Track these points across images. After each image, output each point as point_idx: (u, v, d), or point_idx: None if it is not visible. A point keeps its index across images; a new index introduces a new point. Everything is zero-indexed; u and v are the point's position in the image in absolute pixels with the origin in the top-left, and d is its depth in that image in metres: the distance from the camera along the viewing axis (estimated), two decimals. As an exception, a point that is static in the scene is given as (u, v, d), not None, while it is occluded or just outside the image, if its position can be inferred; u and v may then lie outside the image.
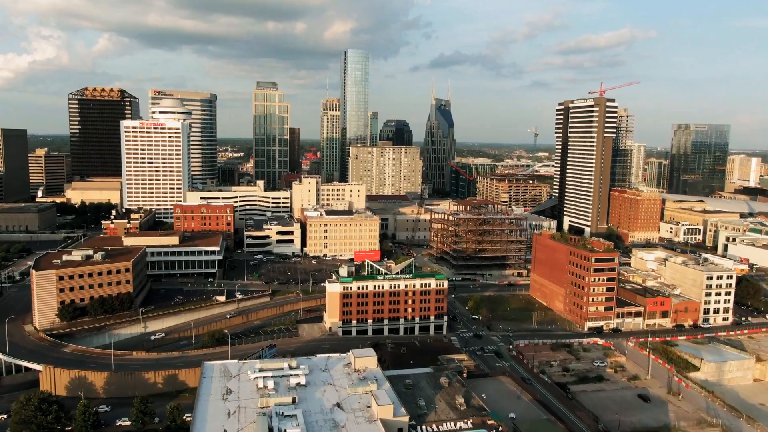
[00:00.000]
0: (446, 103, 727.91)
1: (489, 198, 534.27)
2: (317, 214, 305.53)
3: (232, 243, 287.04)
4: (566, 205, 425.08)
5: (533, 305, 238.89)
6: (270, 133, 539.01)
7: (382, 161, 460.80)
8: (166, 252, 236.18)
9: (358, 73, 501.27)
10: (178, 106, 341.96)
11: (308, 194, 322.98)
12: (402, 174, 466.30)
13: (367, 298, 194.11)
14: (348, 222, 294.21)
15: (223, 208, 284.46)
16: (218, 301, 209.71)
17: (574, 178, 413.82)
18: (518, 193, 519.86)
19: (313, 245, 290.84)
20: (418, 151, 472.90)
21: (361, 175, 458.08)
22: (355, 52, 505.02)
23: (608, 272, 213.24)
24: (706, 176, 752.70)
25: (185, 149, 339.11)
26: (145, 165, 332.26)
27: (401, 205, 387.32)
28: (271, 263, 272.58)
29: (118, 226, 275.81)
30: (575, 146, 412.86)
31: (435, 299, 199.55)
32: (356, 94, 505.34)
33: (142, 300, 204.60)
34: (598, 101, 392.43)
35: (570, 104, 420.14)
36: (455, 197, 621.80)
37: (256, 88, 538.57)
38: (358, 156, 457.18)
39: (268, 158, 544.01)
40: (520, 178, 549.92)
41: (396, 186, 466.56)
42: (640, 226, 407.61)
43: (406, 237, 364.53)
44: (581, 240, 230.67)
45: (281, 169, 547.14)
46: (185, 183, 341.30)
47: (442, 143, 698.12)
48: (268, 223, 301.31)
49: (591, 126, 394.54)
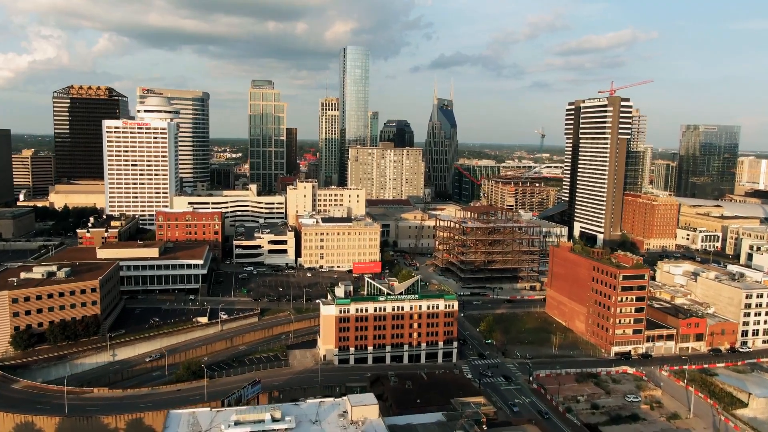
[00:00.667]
0: (448, 102, 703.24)
1: (494, 202, 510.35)
2: (313, 221, 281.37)
3: (220, 253, 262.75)
4: (577, 210, 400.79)
5: (550, 325, 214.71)
6: (266, 133, 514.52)
7: (383, 163, 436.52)
8: (144, 266, 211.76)
9: (358, 71, 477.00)
10: (164, 104, 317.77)
11: (304, 200, 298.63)
12: (403, 177, 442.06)
13: (367, 322, 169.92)
14: (346, 230, 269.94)
15: (210, 216, 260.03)
16: (199, 323, 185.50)
17: (586, 181, 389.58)
18: (524, 197, 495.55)
19: (308, 256, 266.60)
20: (420, 153, 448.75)
21: (360, 178, 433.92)
22: (355, 49, 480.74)
23: (638, 291, 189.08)
24: (716, 179, 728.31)
25: (172, 151, 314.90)
26: (128, 168, 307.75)
27: (403, 211, 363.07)
28: (261, 276, 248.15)
29: (95, 236, 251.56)
30: (587, 148, 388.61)
31: (444, 323, 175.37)
32: (356, 93, 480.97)
33: (112, 322, 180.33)
34: (612, 101, 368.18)
35: (581, 104, 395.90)
36: (458, 200, 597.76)
37: (252, 86, 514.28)
38: (357, 158, 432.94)
39: (263, 160, 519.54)
40: (526, 181, 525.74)
41: (397, 189, 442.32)
42: (656, 232, 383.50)
43: (408, 245, 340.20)
44: (605, 253, 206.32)
45: (278, 171, 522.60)
46: (172, 187, 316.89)
47: (445, 144, 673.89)
48: (259, 231, 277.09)
49: (604, 127, 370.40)
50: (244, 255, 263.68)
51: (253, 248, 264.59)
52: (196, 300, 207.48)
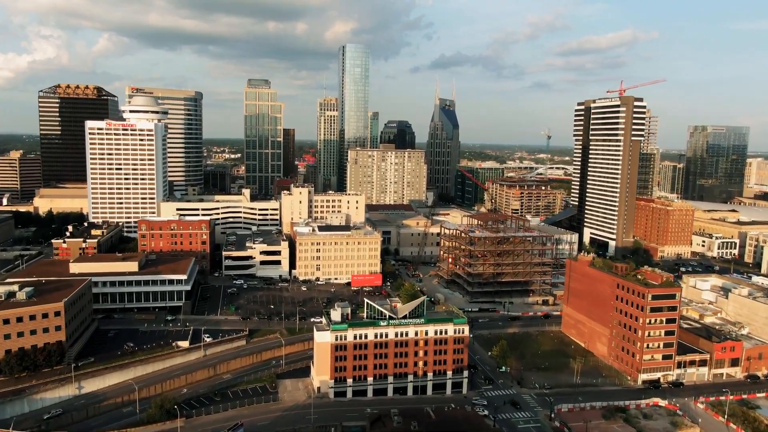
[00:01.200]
0: (450, 103, 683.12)
1: (499, 206, 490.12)
2: (309, 229, 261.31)
3: (208, 265, 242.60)
4: (587, 215, 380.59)
5: (568, 347, 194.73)
6: (262, 134, 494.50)
7: (384, 166, 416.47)
8: (121, 281, 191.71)
9: (358, 70, 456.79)
10: (151, 104, 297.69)
11: (299, 206, 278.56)
12: (405, 180, 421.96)
13: (367, 350, 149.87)
14: (344, 240, 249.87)
15: (197, 224, 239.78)
16: (179, 348, 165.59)
17: (597, 185, 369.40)
18: (530, 201, 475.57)
19: (303, 267, 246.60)
20: (422, 156, 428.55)
21: (360, 182, 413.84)
22: (355, 47, 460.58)
23: (668, 312, 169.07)
24: (723, 181, 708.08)
25: (159, 154, 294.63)
26: (112, 172, 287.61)
27: (405, 217, 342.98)
28: (252, 291, 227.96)
29: (71, 247, 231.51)
30: (598, 150, 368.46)
31: (453, 350, 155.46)
32: (355, 92, 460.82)
33: (80, 349, 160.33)
34: (625, 101, 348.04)
35: (592, 104, 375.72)
36: (461, 204, 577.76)
37: (248, 86, 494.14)
38: (357, 160, 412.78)
39: (260, 162, 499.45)
40: (532, 184, 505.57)
41: (399, 194, 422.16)
42: (671, 239, 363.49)
43: (410, 253, 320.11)
44: (630, 269, 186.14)
45: (274, 173, 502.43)
46: (159, 192, 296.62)
47: (447, 145, 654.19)
48: (251, 240, 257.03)
49: (617, 128, 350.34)
50: (234, 267, 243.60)
51: (244, 259, 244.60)
52: (178, 321, 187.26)
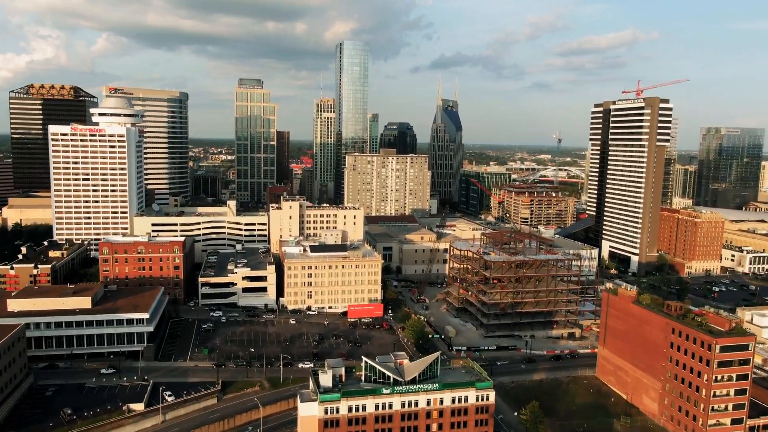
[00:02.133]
0: (453, 103, 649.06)
1: (507, 213, 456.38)
2: (299, 250, 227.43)
3: (182, 293, 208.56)
4: (606, 226, 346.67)
5: (607, 399, 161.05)
6: (254, 137, 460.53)
7: (384, 173, 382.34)
8: (70, 322, 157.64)
9: (356, 69, 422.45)
10: (123, 106, 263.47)
11: (289, 222, 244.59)
12: (407, 188, 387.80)
13: (366, 426, 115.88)
14: (340, 263, 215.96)
15: (168, 246, 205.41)
16: (132, 413, 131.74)
17: (617, 194, 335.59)
18: (541, 208, 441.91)
19: (292, 295, 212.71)
20: (426, 161, 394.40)
21: (358, 190, 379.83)
22: (353, 44, 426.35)
23: (740, 366, 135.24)
24: (738, 185, 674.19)
25: (132, 162, 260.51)
26: (78, 183, 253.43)
27: (408, 230, 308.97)
28: (231, 325, 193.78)
29: (21, 274, 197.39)
30: (619, 156, 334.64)
31: (475, 421, 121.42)
32: (353, 93, 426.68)
33: (4, 417, 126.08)
34: (650, 102, 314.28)
35: (611, 105, 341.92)
36: (466, 210, 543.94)
37: (239, 86, 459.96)
38: (355, 166, 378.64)
39: (251, 167, 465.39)
40: (542, 190, 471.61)
41: (400, 202, 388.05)
42: (698, 254, 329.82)
43: (414, 271, 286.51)
44: (685, 309, 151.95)
45: (267, 179, 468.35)
46: (132, 206, 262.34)
47: (450, 148, 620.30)
48: (234, 262, 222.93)
49: (640, 132, 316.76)
50: (212, 295, 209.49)
51: (224, 286, 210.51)
52: (134, 374, 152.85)
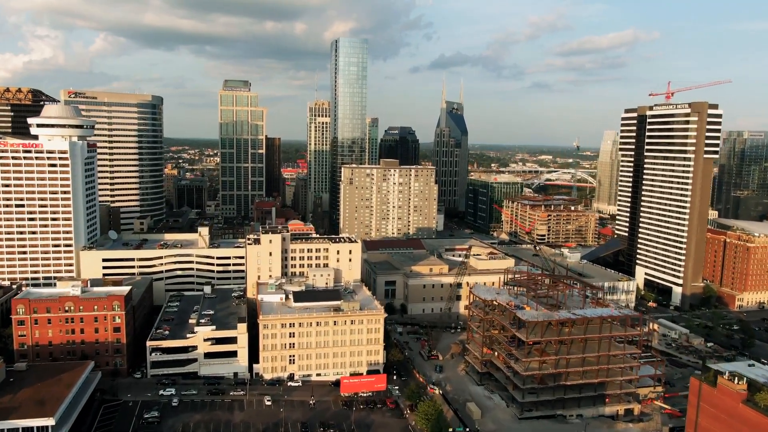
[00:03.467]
0: (458, 106, 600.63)
1: (521, 229, 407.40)
2: (280, 297, 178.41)
3: (125, 362, 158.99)
4: (642, 250, 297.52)
5: None
6: (240, 145, 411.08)
7: (385, 187, 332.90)
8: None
9: (353, 69, 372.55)
10: (67, 115, 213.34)
11: (269, 259, 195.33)
12: (411, 204, 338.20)
13: None
14: (331, 318, 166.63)
15: (106, 302, 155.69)
16: None
17: (656, 213, 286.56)
18: (559, 224, 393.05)
19: (270, 360, 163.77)
20: (432, 174, 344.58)
21: (356, 206, 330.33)
22: (349, 41, 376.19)
23: None
24: (761, 193, 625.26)
25: (79, 183, 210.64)
26: (10, 209, 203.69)
27: (414, 258, 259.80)
28: (186, 411, 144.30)
29: None
30: (657, 169, 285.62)
31: None
32: (350, 96, 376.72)
33: None
34: (697, 108, 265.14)
35: (648, 112, 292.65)
36: (473, 223, 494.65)
37: (223, 88, 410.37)
38: (352, 180, 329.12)
39: (238, 178, 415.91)
40: (559, 202, 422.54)
41: (404, 221, 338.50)
42: (751, 283, 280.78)
43: (422, 311, 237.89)
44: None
45: (255, 191, 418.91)
46: (80, 236, 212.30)
47: (454, 154, 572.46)
48: (197, 315, 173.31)
49: (685, 143, 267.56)
50: (165, 363, 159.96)
51: (181, 351, 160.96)
52: None
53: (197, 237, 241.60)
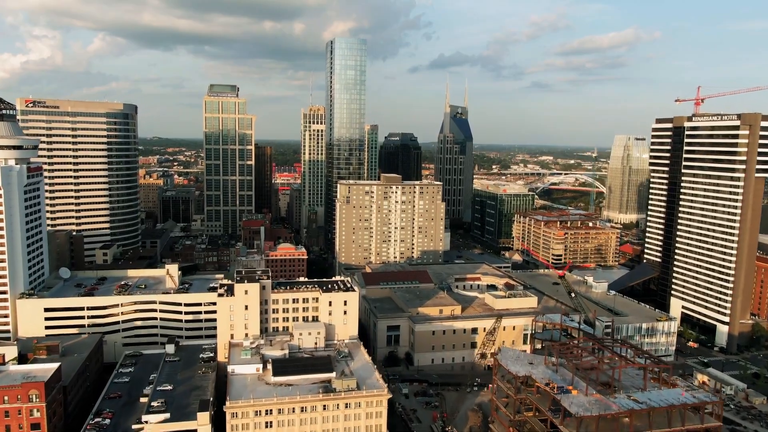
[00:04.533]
0: (463, 110, 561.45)
1: (533, 246, 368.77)
2: (255, 368, 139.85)
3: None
4: (678, 280, 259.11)
5: None
6: (227, 156, 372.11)
7: (386, 205, 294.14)
8: None
9: (351, 73, 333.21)
10: (4, 135, 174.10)
11: (245, 314, 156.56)
12: (416, 224, 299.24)
13: None
14: (320, 401, 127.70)
15: (21, 392, 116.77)
16: None
17: (696, 237, 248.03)
18: (576, 243, 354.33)
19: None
20: (439, 190, 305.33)
21: (354, 228, 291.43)
22: (347, 42, 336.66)
23: None
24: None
25: (16, 214, 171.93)
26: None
27: (420, 295, 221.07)
28: None
29: None
30: (698, 188, 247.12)
31: None
32: (347, 102, 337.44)
33: None
34: (749, 119, 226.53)
35: (686, 123, 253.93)
36: (481, 238, 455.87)
37: (208, 93, 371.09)
38: (349, 198, 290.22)
39: (224, 192, 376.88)
40: (576, 218, 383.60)
41: (407, 243, 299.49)
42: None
43: (432, 361, 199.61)
44: None
45: (244, 206, 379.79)
46: (16, 281, 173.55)
47: (458, 161, 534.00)
48: (150, 395, 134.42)
49: (733, 159, 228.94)
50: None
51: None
52: None
53: (162, 272, 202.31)
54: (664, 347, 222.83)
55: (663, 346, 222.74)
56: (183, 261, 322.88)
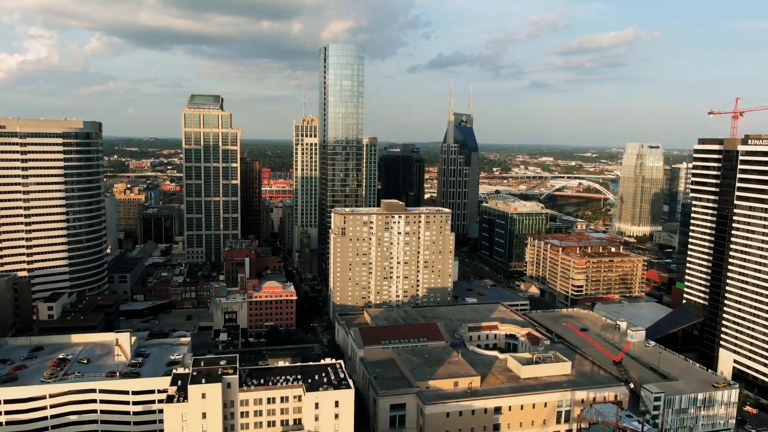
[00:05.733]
0: (467, 118, 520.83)
1: (549, 275, 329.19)
2: None
3: None
4: (728, 329, 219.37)
5: None
6: (210, 175, 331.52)
7: (388, 237, 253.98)
8: None
9: (347, 84, 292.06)
10: None
11: (202, 423, 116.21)
12: (421, 258, 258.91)
13: None
14: None
15: None
16: None
17: (754, 281, 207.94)
18: (599, 272, 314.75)
19: None
20: (448, 219, 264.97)
21: (349, 264, 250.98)
22: (342, 48, 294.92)
23: None
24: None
25: None
26: None
27: (430, 361, 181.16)
28: None
29: None
30: (757, 224, 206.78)
31: None
32: (343, 117, 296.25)
33: None
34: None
35: (740, 147, 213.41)
36: (489, 259, 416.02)
37: (188, 105, 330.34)
38: (345, 229, 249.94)
39: (207, 214, 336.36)
40: (597, 243, 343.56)
41: (411, 281, 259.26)
42: None
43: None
44: None
45: (229, 230, 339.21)
46: None
47: (463, 173, 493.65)
48: None
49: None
50: None
51: None
52: None
53: (126, 341, 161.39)
54: (722, 420, 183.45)
55: (722, 419, 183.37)
56: (157, 297, 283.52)
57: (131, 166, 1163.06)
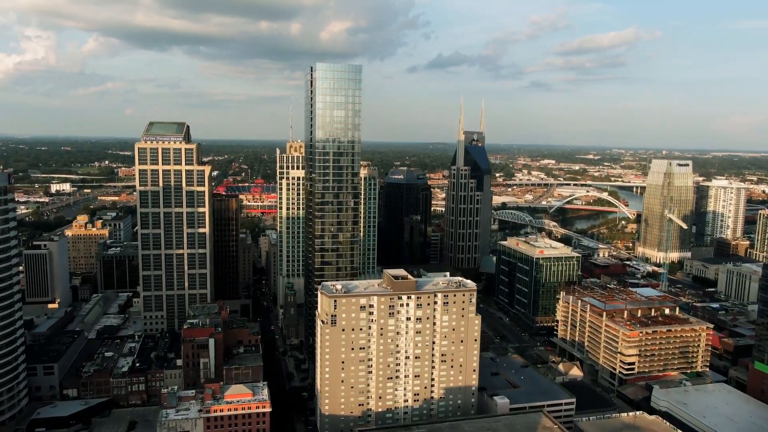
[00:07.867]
0: (479, 136, 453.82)
1: (589, 343, 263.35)
2: None
3: None
4: None
5: None
6: (170, 222, 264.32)
7: (393, 326, 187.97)
8: None
9: (339, 114, 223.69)
10: None
11: None
12: (437, 352, 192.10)
13: None
14: None
15: None
16: None
17: None
18: (655, 343, 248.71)
19: None
20: (472, 298, 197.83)
21: (343, 360, 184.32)
22: (332, 70, 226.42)
23: None
24: None
25: None
26: None
27: None
28: None
29: None
30: None
31: None
32: (334, 155, 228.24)
33: None
34: None
35: None
36: (509, 308, 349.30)
37: (144, 136, 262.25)
38: (335, 317, 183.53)
39: (168, 270, 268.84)
40: (647, 304, 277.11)
41: (424, 380, 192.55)
42: None
43: None
44: None
45: (195, 289, 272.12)
46: None
47: (475, 200, 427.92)
48: None
49: None
50: None
51: None
52: None
53: None
54: None
55: None
56: (94, 392, 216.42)
57: (120, 174, 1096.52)
